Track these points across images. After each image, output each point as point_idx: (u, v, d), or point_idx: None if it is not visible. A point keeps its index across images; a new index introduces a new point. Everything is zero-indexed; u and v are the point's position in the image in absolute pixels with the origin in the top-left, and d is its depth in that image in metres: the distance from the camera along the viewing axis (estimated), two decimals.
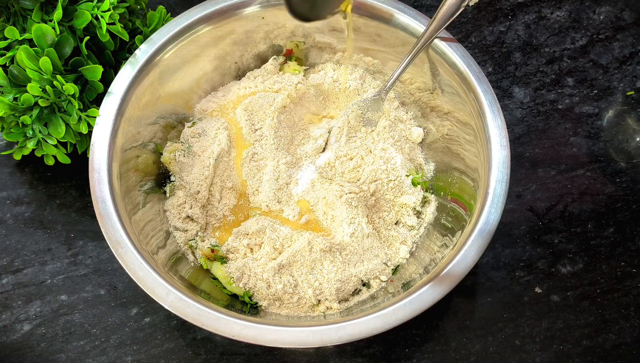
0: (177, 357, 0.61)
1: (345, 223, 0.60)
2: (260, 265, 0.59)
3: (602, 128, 0.75)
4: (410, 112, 0.70)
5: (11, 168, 0.70)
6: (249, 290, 0.59)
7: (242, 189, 0.66)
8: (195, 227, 0.63)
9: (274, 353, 0.61)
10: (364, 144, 0.68)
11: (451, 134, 0.65)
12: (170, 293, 0.50)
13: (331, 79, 0.70)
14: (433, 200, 0.65)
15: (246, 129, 0.67)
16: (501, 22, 0.82)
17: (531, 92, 0.77)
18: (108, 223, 0.53)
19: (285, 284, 0.58)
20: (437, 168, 0.68)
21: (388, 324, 0.48)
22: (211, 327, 0.48)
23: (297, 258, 0.59)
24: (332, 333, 0.48)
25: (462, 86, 0.61)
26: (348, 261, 0.60)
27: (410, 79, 0.68)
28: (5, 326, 0.62)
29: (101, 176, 0.55)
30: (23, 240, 0.66)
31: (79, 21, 0.62)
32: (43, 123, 0.63)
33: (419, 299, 0.49)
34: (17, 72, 0.61)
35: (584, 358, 0.62)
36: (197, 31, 0.64)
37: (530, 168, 0.72)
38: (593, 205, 0.70)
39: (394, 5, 0.64)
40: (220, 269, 0.60)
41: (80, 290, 0.64)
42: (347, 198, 0.61)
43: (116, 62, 0.67)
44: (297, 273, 0.59)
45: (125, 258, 0.51)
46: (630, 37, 0.80)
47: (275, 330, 0.49)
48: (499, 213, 0.53)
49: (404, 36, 0.64)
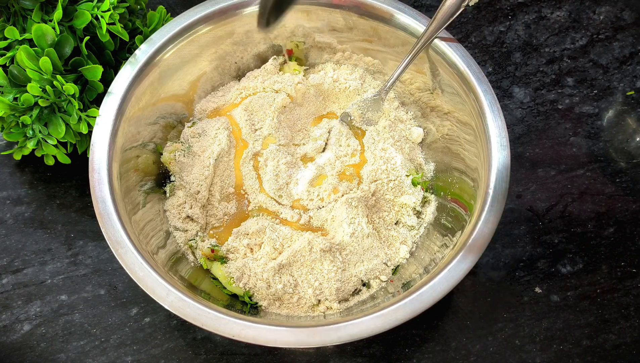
0: (177, 357, 0.61)
1: (345, 223, 0.60)
2: (260, 265, 0.59)
3: (602, 128, 0.75)
4: (410, 112, 0.70)
5: (11, 168, 0.70)
6: (249, 290, 0.59)
7: (242, 189, 0.66)
8: (195, 227, 0.63)
9: (274, 353, 0.61)
10: (365, 144, 0.68)
11: (451, 134, 0.65)
12: (170, 293, 0.50)
13: (331, 79, 0.70)
14: (433, 200, 0.65)
15: (246, 129, 0.67)
16: (501, 22, 0.82)
17: (531, 92, 0.77)
18: (108, 223, 0.53)
19: (285, 284, 0.58)
20: (437, 168, 0.68)
21: (388, 324, 0.48)
22: (211, 327, 0.48)
23: (297, 258, 0.59)
24: (332, 333, 0.48)
25: (462, 86, 0.61)
26: (348, 261, 0.60)
27: (410, 79, 0.68)
28: (5, 326, 0.62)
29: (101, 176, 0.55)
30: (23, 240, 0.66)
31: (79, 21, 0.62)
32: (43, 123, 0.63)
33: (419, 299, 0.49)
34: (17, 72, 0.61)
35: (584, 358, 0.62)
36: (197, 31, 0.64)
37: (530, 168, 0.72)
38: (593, 205, 0.70)
39: (393, 5, 0.64)
40: (220, 269, 0.60)
41: (80, 290, 0.64)
42: (347, 198, 0.61)
43: (116, 62, 0.67)
44: (297, 273, 0.59)
45: (125, 258, 0.51)
46: (630, 37, 0.80)
47: (275, 330, 0.49)
48: (499, 212, 0.53)
49: (404, 36, 0.64)
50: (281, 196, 0.65)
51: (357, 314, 0.51)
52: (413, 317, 0.49)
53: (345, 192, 0.63)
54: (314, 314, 0.59)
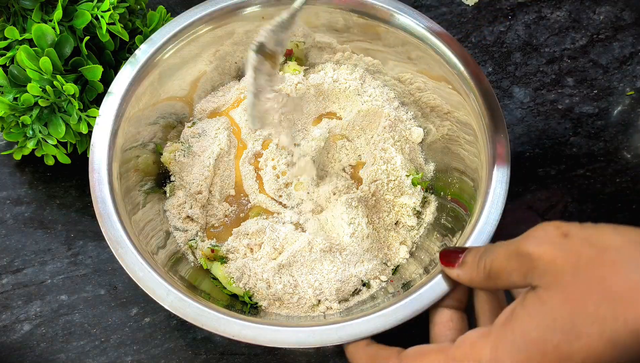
0: (177, 357, 0.61)
1: (345, 224, 0.60)
2: (260, 265, 0.59)
3: (602, 128, 0.75)
4: (410, 113, 0.70)
5: (11, 168, 0.70)
6: (249, 290, 0.59)
7: (242, 189, 0.66)
8: (195, 227, 0.63)
9: (274, 353, 0.61)
10: (364, 144, 0.68)
11: (451, 134, 0.65)
12: (170, 293, 0.50)
13: (331, 79, 0.70)
14: (433, 200, 0.65)
15: (246, 129, 0.67)
16: (501, 22, 0.82)
17: (531, 92, 0.77)
18: (108, 223, 0.53)
19: (285, 284, 0.58)
20: (437, 168, 0.68)
21: (388, 324, 0.48)
22: (211, 327, 0.48)
23: (297, 258, 0.59)
24: (332, 333, 0.48)
25: (462, 85, 0.61)
26: (348, 261, 0.60)
27: (410, 79, 0.68)
28: (5, 326, 0.62)
29: (101, 176, 0.55)
30: (23, 240, 0.66)
31: (79, 21, 0.62)
32: (43, 123, 0.63)
33: (419, 299, 0.49)
34: (17, 72, 0.61)
35: None
36: (197, 31, 0.64)
37: (530, 168, 0.72)
38: (593, 205, 0.70)
39: (393, 5, 0.64)
40: (220, 269, 0.60)
41: (80, 290, 0.64)
42: (347, 198, 0.61)
43: (116, 62, 0.67)
44: (297, 273, 0.59)
45: (125, 258, 0.51)
46: (630, 37, 0.80)
47: (275, 330, 0.49)
48: (498, 213, 0.53)
49: (404, 36, 0.64)
50: (281, 196, 0.65)
51: (357, 314, 0.51)
52: (413, 317, 0.49)
53: (345, 192, 0.63)
54: (314, 314, 0.59)
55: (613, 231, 0.38)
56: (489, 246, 0.44)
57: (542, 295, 0.37)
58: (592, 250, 0.37)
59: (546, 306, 0.37)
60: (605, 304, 0.34)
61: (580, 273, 0.36)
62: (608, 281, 0.35)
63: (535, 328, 0.37)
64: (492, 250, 0.43)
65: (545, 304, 0.37)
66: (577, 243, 0.38)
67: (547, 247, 0.38)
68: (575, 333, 0.35)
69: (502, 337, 0.38)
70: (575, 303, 0.35)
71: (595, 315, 0.34)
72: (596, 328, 0.34)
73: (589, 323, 0.34)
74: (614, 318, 0.34)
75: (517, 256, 0.40)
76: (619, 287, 0.34)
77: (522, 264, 0.40)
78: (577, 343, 0.35)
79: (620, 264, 0.35)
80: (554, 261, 0.38)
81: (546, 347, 0.36)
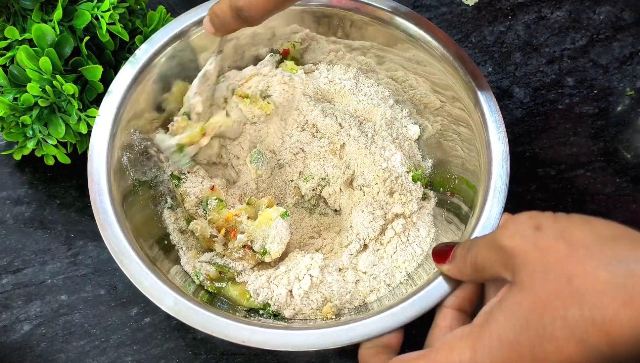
0: (177, 357, 0.61)
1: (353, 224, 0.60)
2: (274, 278, 0.57)
3: (602, 128, 0.75)
4: (405, 110, 0.70)
5: (11, 168, 0.70)
6: (267, 303, 0.57)
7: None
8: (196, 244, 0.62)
9: (274, 353, 0.61)
10: (364, 144, 0.68)
11: (447, 130, 0.65)
12: (178, 302, 0.49)
13: (326, 79, 0.70)
14: (432, 196, 0.65)
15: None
16: (501, 22, 0.82)
17: (531, 92, 0.77)
18: (110, 234, 0.52)
19: (301, 296, 0.56)
20: (435, 164, 0.68)
21: (398, 322, 0.49)
22: (221, 334, 0.48)
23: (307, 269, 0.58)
24: (343, 334, 0.48)
25: (457, 82, 0.61)
26: (355, 263, 0.60)
27: (403, 76, 0.68)
28: (5, 326, 0.62)
29: (101, 187, 0.54)
30: (23, 240, 0.66)
31: (79, 21, 0.62)
32: (43, 123, 0.63)
33: (427, 296, 0.49)
34: (17, 72, 0.61)
35: None
36: (198, 32, 0.64)
37: (530, 167, 0.72)
38: (593, 205, 0.70)
39: (392, 5, 0.64)
40: (234, 289, 0.58)
41: (80, 290, 0.64)
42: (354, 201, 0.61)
43: (116, 62, 0.67)
44: (306, 284, 0.58)
45: (130, 268, 0.51)
46: (630, 37, 0.80)
47: (284, 334, 0.49)
48: (500, 207, 0.53)
49: (402, 36, 0.64)
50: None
51: (367, 314, 0.51)
52: (423, 314, 0.49)
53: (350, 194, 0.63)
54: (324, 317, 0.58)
55: (584, 226, 0.38)
56: (475, 239, 0.45)
57: (516, 295, 0.37)
58: (562, 245, 0.37)
59: (521, 307, 0.37)
60: (574, 306, 0.34)
61: (550, 272, 0.36)
62: (576, 281, 0.35)
63: (511, 330, 0.37)
64: (476, 243, 0.44)
65: (520, 305, 0.37)
66: (549, 237, 0.38)
67: (519, 241, 0.39)
68: (547, 335, 0.35)
69: (480, 338, 0.38)
70: (545, 304, 0.35)
71: (565, 317, 0.34)
72: (566, 331, 0.34)
73: (559, 325, 0.34)
74: (582, 320, 0.34)
75: (495, 249, 0.40)
76: (587, 287, 0.34)
77: (501, 256, 0.40)
78: (550, 346, 0.35)
79: (589, 262, 0.35)
80: (526, 256, 0.38)
81: (522, 349, 0.36)
